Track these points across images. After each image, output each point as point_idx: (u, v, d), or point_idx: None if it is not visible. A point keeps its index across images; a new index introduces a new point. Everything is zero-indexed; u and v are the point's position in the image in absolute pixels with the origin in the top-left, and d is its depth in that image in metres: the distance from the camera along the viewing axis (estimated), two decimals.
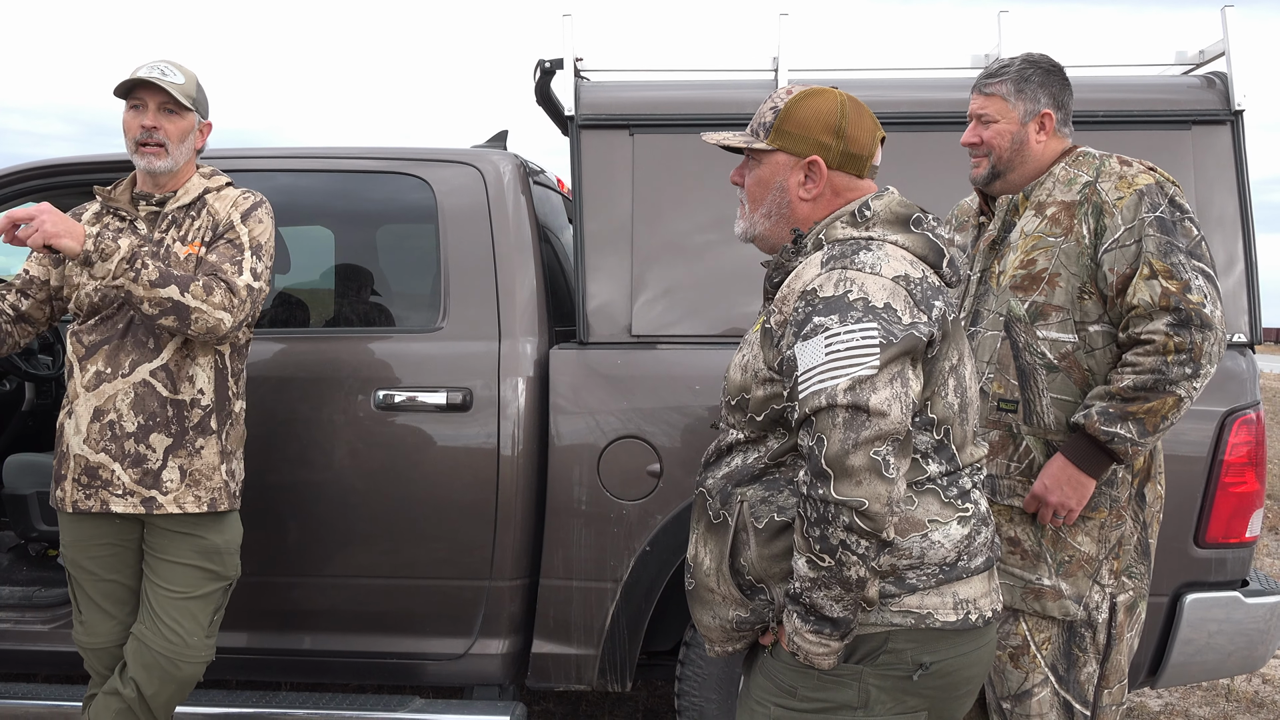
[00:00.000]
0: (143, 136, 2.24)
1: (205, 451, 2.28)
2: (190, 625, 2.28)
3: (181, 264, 2.25)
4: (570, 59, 2.72)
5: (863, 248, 1.52)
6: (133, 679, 2.27)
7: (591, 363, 2.63)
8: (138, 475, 2.23)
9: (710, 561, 1.60)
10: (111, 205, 2.32)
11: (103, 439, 2.22)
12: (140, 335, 2.24)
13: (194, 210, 2.33)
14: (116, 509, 2.23)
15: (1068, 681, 2.09)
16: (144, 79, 2.22)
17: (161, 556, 2.28)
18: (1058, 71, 2.15)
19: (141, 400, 2.22)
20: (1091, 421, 1.98)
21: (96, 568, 2.30)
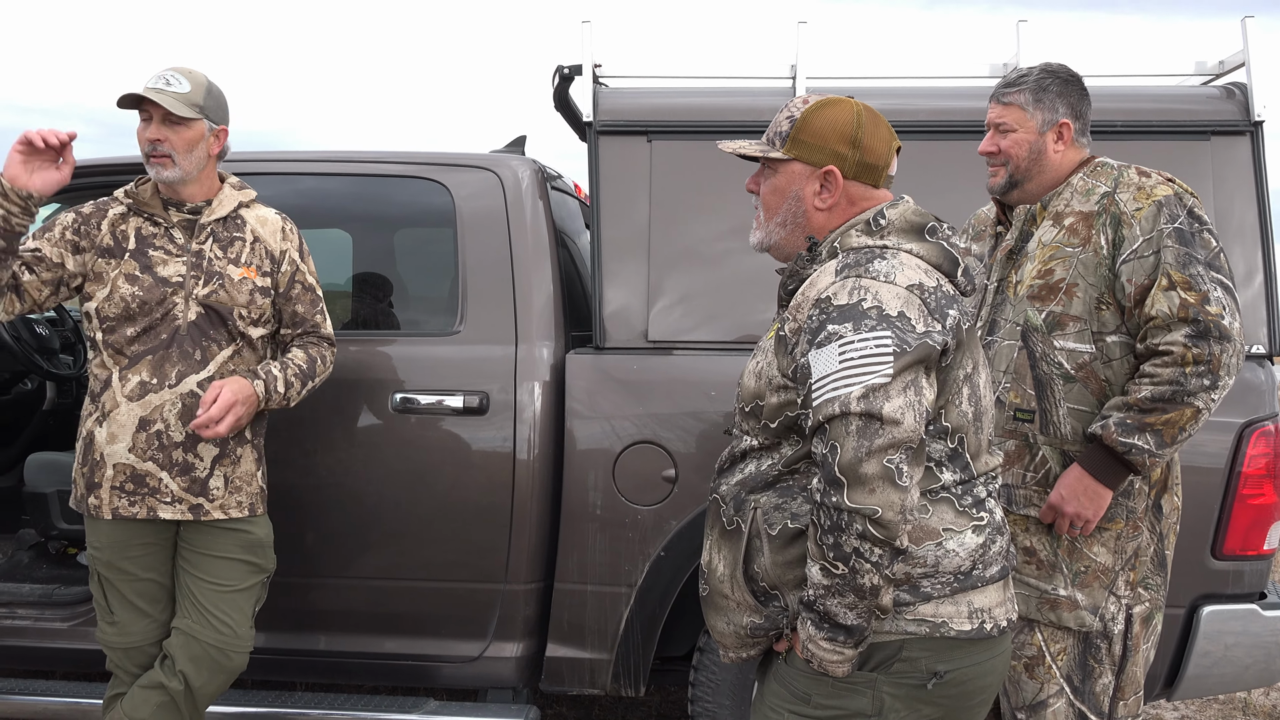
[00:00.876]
0: (149, 149, 2.27)
1: (244, 459, 2.35)
2: (238, 617, 2.34)
3: (235, 285, 2.31)
4: (589, 65, 2.74)
5: (877, 256, 1.52)
6: (181, 672, 2.30)
7: (607, 368, 2.64)
8: (186, 483, 2.28)
9: (724, 568, 1.60)
10: (145, 210, 2.33)
11: (150, 448, 2.26)
12: (186, 347, 2.28)
13: (234, 228, 2.37)
14: (165, 515, 2.28)
15: (1083, 693, 2.08)
16: (140, 93, 2.23)
17: (206, 553, 2.33)
18: (1076, 81, 2.14)
19: (189, 411, 2.27)
20: (1109, 432, 1.97)
21: (134, 568, 2.32)
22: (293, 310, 2.42)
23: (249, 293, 2.33)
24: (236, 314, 2.32)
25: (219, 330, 2.31)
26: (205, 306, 2.30)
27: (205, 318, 2.30)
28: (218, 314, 2.31)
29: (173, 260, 2.30)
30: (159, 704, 2.32)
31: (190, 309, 2.29)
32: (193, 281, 2.30)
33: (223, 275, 2.32)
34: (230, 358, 2.33)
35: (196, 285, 2.30)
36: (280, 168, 2.83)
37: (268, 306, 2.39)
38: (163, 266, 2.29)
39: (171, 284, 2.28)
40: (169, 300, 2.28)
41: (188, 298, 2.29)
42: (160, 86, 2.25)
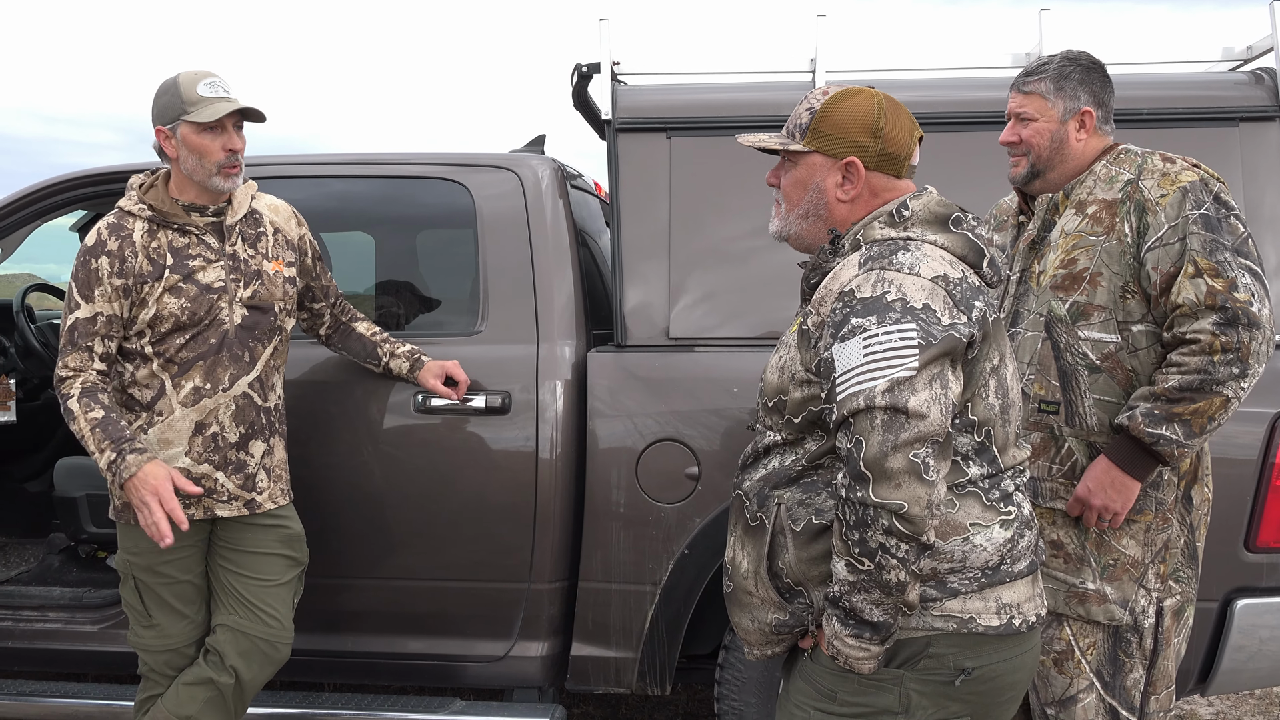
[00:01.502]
0: (229, 160, 2.25)
1: (277, 449, 2.43)
2: (284, 610, 2.40)
3: (272, 280, 2.37)
4: (607, 63, 2.73)
5: (901, 248, 1.51)
6: (232, 667, 2.33)
7: (629, 366, 2.63)
8: (240, 481, 2.33)
9: (748, 564, 1.59)
10: (171, 220, 2.30)
11: (206, 451, 2.30)
12: (236, 350, 2.32)
13: (255, 223, 2.40)
14: (222, 514, 2.33)
15: (1114, 687, 2.05)
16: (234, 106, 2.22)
17: (248, 549, 2.37)
18: (1098, 69, 2.11)
19: (242, 412, 2.32)
20: (1136, 423, 1.94)
21: (174, 571, 2.35)
22: (322, 285, 2.56)
23: (283, 285, 2.40)
24: (276, 307, 2.38)
25: (262, 329, 2.36)
26: (249, 307, 2.34)
27: (249, 318, 2.34)
28: (261, 311, 2.35)
29: (212, 266, 2.31)
30: (207, 699, 2.34)
31: (235, 312, 2.32)
32: (234, 285, 2.33)
33: (260, 273, 2.36)
34: (271, 355, 2.39)
35: (239, 288, 2.33)
36: (303, 171, 2.84)
37: (295, 296, 2.45)
38: (203, 274, 2.30)
39: (215, 290, 2.30)
40: (215, 306, 2.30)
41: (232, 301, 2.32)
42: (225, 94, 2.24)
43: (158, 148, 2.31)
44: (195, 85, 2.23)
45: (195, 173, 2.26)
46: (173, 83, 2.26)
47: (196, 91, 2.22)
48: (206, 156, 2.24)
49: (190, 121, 2.22)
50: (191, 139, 2.23)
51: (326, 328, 2.62)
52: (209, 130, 2.23)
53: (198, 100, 2.21)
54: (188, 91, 2.22)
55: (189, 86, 2.23)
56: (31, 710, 2.76)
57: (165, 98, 2.26)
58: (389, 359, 2.59)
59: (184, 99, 2.22)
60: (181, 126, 2.23)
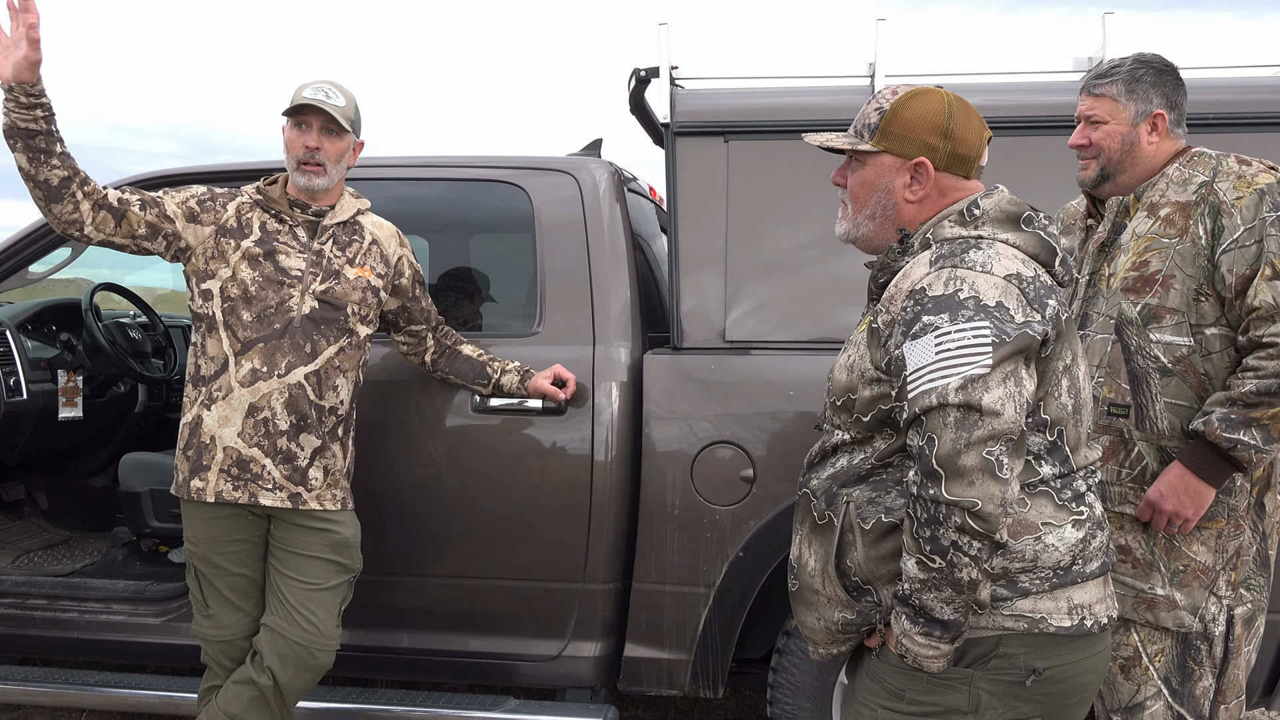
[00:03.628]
0: (305, 156, 2.36)
1: (338, 456, 2.44)
2: (324, 615, 2.39)
3: (350, 283, 2.43)
4: (666, 67, 2.74)
5: (973, 246, 1.50)
6: (269, 668, 2.36)
7: (685, 368, 2.64)
8: (288, 471, 2.36)
9: (815, 563, 1.59)
10: (273, 206, 2.42)
11: (256, 434, 2.34)
12: (298, 339, 2.36)
13: (352, 231, 2.48)
14: (265, 501, 2.35)
15: (1182, 695, 2.02)
16: (311, 102, 2.33)
17: (294, 550, 2.39)
18: (1171, 71, 2.09)
19: (295, 401, 2.35)
20: (1212, 428, 1.91)
21: (228, 563, 2.39)
22: (421, 308, 2.61)
23: (362, 290, 2.44)
24: (349, 309, 2.42)
25: (330, 326, 2.39)
26: (320, 301, 2.38)
27: (319, 312, 2.38)
28: (332, 308, 2.39)
29: (294, 255, 2.39)
30: (250, 699, 2.37)
31: (306, 303, 2.37)
32: (311, 277, 2.39)
33: (339, 273, 2.42)
34: (335, 354, 2.41)
35: (314, 281, 2.39)
36: (365, 174, 2.88)
37: (376, 306, 2.49)
38: (284, 258, 2.38)
39: (291, 275, 2.37)
40: (286, 290, 2.36)
41: (304, 291, 2.37)
42: (322, 98, 2.35)
43: None
44: (305, 88, 2.37)
45: (287, 164, 2.41)
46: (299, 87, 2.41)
47: (302, 93, 2.36)
48: (290, 150, 2.39)
49: (285, 116, 2.38)
50: (285, 134, 2.40)
51: (432, 353, 2.64)
52: (295, 126, 2.38)
53: (296, 99, 2.36)
54: (296, 92, 2.37)
55: (300, 89, 2.37)
56: (95, 700, 2.82)
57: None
58: (499, 375, 2.61)
59: (292, 99, 2.37)
60: (287, 123, 2.40)
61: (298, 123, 2.37)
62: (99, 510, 3.84)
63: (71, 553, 3.58)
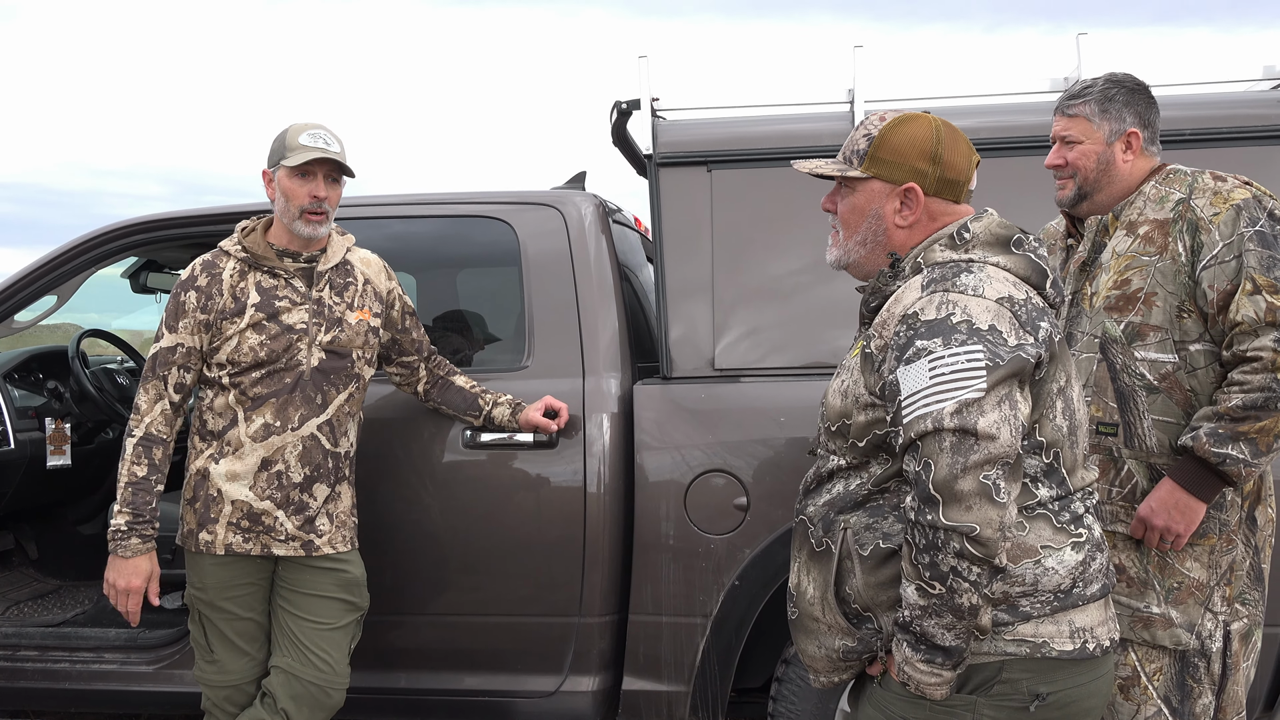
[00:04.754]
0: (311, 206, 2.35)
1: (344, 496, 2.45)
2: (337, 654, 2.39)
3: (353, 329, 2.42)
4: (647, 99, 2.77)
5: (964, 270, 1.51)
6: (283, 710, 2.35)
7: (675, 397, 2.64)
8: (299, 522, 2.36)
9: (814, 590, 1.59)
10: (264, 263, 2.39)
11: (270, 488, 2.34)
12: (309, 392, 2.37)
13: (345, 274, 2.47)
14: (278, 552, 2.35)
15: (1182, 713, 2.02)
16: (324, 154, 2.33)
17: (304, 591, 2.38)
18: (1142, 90, 2.12)
19: (309, 453, 2.36)
20: (1201, 443, 1.92)
21: (236, 607, 2.38)
22: (412, 339, 2.61)
23: (365, 334, 2.45)
24: (354, 354, 2.43)
25: (339, 375, 2.41)
26: (327, 351, 2.39)
27: (327, 362, 2.39)
28: (339, 356, 2.40)
29: (296, 309, 2.38)
30: None
31: (313, 355, 2.38)
32: (315, 328, 2.39)
33: (342, 320, 2.42)
34: (345, 401, 2.43)
35: (319, 332, 2.39)
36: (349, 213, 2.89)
37: (376, 346, 2.51)
38: (287, 315, 2.37)
39: (296, 331, 2.37)
40: (294, 346, 2.36)
41: (311, 344, 2.38)
42: (323, 146, 2.34)
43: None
44: (300, 134, 2.35)
45: (283, 215, 2.38)
46: (284, 131, 2.39)
47: (299, 140, 2.34)
48: (292, 200, 2.36)
49: (285, 165, 2.34)
50: (284, 182, 2.36)
51: (424, 383, 2.64)
52: (299, 176, 2.35)
53: (296, 147, 2.34)
54: (291, 139, 2.35)
55: (294, 135, 2.35)
56: None
57: (275, 144, 2.39)
58: (491, 408, 2.61)
59: (286, 145, 2.35)
60: (279, 170, 2.36)
61: (301, 171, 2.35)
62: (89, 558, 3.80)
63: (62, 602, 3.54)
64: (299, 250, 2.42)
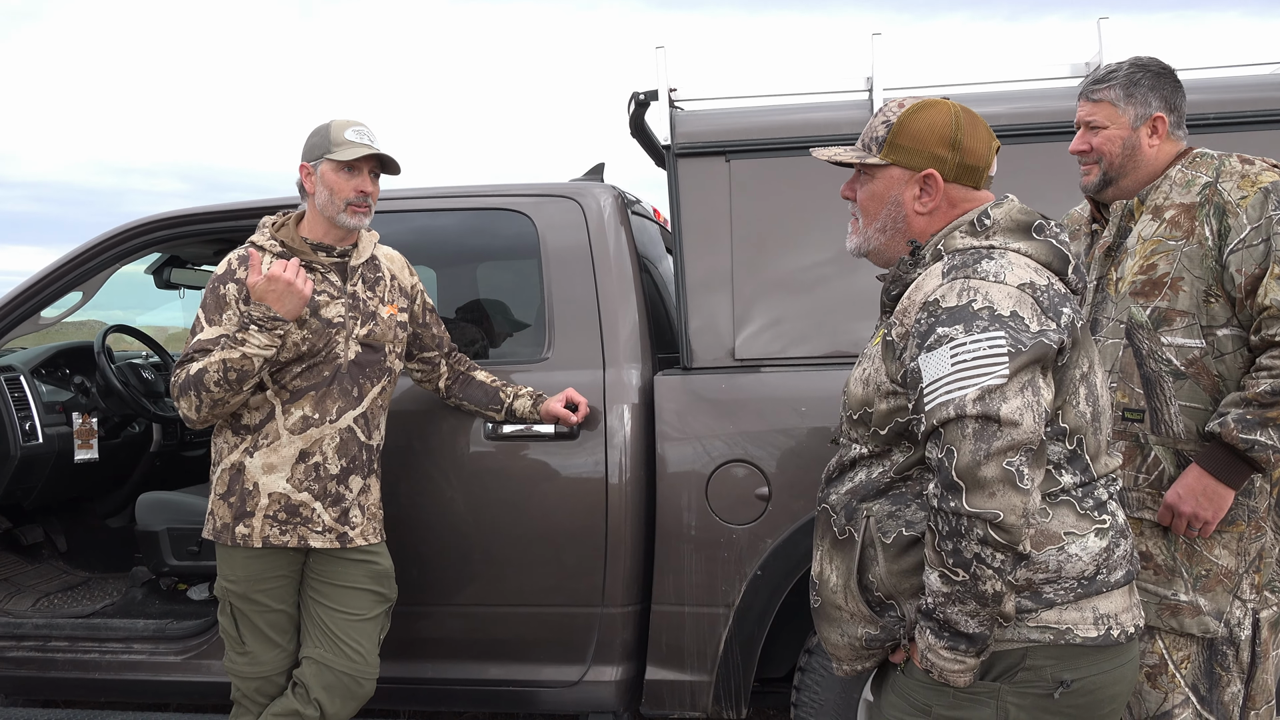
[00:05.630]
0: (357, 200, 2.39)
1: (373, 489, 2.48)
2: (368, 645, 2.42)
3: (385, 323, 2.46)
4: (665, 90, 2.76)
5: (985, 256, 1.50)
6: (316, 700, 2.37)
7: (696, 388, 2.64)
8: (336, 514, 2.39)
9: (837, 578, 1.59)
10: (300, 258, 2.40)
11: (307, 479, 2.36)
12: (346, 384, 2.39)
13: (375, 269, 2.51)
14: (315, 544, 2.38)
15: (1210, 702, 2.00)
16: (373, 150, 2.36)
17: (336, 583, 2.41)
18: (1168, 74, 2.10)
19: (345, 445, 2.39)
20: (1228, 429, 1.90)
21: (268, 600, 2.40)
22: (432, 334, 2.63)
23: (395, 328, 2.49)
24: (387, 348, 2.46)
25: (373, 368, 2.44)
26: (363, 345, 2.42)
27: (362, 356, 2.42)
28: (373, 350, 2.43)
29: (334, 303, 2.41)
30: None
31: (350, 348, 2.41)
32: (352, 322, 2.41)
33: (376, 315, 2.45)
34: (379, 394, 2.46)
35: (356, 325, 2.42)
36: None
37: (405, 341, 2.54)
38: (325, 309, 2.39)
39: (335, 325, 2.39)
40: (333, 340, 2.38)
41: (348, 337, 2.40)
42: (368, 142, 2.38)
43: (299, 184, 2.46)
44: (344, 130, 2.38)
45: (326, 208, 2.40)
46: (325, 126, 2.41)
47: (344, 135, 2.38)
48: (338, 193, 2.38)
49: (331, 160, 2.37)
50: (329, 176, 2.38)
51: (445, 380, 2.66)
52: (346, 170, 2.38)
53: (342, 143, 2.37)
54: (336, 134, 2.38)
55: (338, 130, 2.38)
56: None
57: (315, 138, 2.41)
58: (512, 401, 2.63)
59: (331, 140, 2.38)
60: (323, 164, 2.39)
61: (347, 166, 2.38)
62: (117, 550, 3.85)
63: (91, 594, 3.59)
64: (333, 244, 2.44)
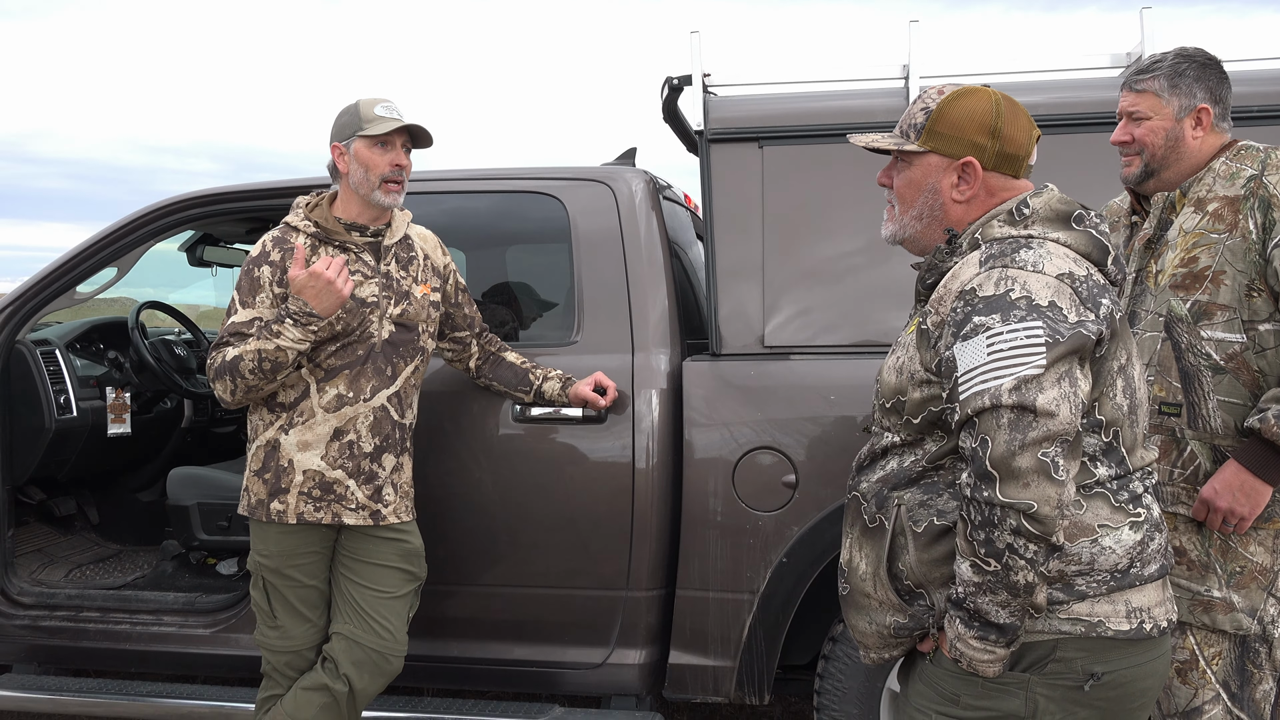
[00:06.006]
0: (393, 174, 2.39)
1: (405, 468, 2.50)
2: (397, 622, 2.45)
3: (419, 302, 2.47)
4: (699, 75, 2.75)
5: (1023, 246, 1.48)
6: (345, 675, 2.40)
7: (724, 374, 2.64)
8: (369, 491, 2.41)
9: (866, 566, 1.58)
10: (334, 238, 2.42)
11: (341, 457, 2.38)
12: (379, 363, 2.41)
13: (408, 248, 2.52)
14: (349, 521, 2.40)
15: (1241, 699, 1.98)
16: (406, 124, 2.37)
17: (367, 560, 2.43)
18: (1214, 64, 2.06)
19: (379, 423, 2.41)
20: (1268, 425, 1.88)
21: (301, 575, 2.43)
22: (464, 314, 2.64)
23: (428, 308, 2.50)
24: (420, 328, 2.48)
25: (406, 347, 2.45)
26: (397, 324, 2.43)
27: (396, 335, 2.43)
28: (406, 330, 2.44)
29: (368, 282, 2.42)
30: (322, 705, 2.41)
31: (384, 328, 2.42)
32: (386, 302, 2.43)
33: (409, 294, 2.46)
34: (411, 373, 2.48)
35: (390, 305, 2.43)
36: None
37: (438, 320, 2.55)
38: (360, 289, 2.41)
39: (369, 304, 2.41)
40: (367, 320, 2.40)
41: (382, 317, 2.42)
42: (398, 117, 2.38)
43: (331, 165, 2.46)
44: (373, 107, 2.39)
45: (361, 186, 2.40)
46: (354, 105, 2.42)
47: (374, 111, 2.38)
48: (372, 170, 2.38)
49: (364, 136, 2.37)
50: (363, 153, 2.38)
51: (476, 359, 2.67)
52: (379, 145, 2.38)
53: (373, 119, 2.38)
54: (366, 111, 2.39)
55: (368, 108, 2.39)
56: (148, 710, 2.87)
57: (345, 117, 2.42)
58: (541, 382, 2.63)
59: (361, 117, 2.38)
60: (355, 142, 2.39)
61: (380, 140, 2.38)
62: (148, 524, 3.91)
63: (122, 566, 3.64)
64: (366, 224, 2.45)
